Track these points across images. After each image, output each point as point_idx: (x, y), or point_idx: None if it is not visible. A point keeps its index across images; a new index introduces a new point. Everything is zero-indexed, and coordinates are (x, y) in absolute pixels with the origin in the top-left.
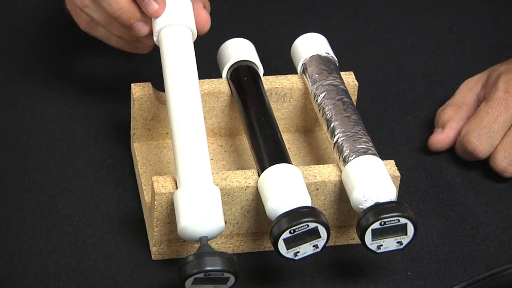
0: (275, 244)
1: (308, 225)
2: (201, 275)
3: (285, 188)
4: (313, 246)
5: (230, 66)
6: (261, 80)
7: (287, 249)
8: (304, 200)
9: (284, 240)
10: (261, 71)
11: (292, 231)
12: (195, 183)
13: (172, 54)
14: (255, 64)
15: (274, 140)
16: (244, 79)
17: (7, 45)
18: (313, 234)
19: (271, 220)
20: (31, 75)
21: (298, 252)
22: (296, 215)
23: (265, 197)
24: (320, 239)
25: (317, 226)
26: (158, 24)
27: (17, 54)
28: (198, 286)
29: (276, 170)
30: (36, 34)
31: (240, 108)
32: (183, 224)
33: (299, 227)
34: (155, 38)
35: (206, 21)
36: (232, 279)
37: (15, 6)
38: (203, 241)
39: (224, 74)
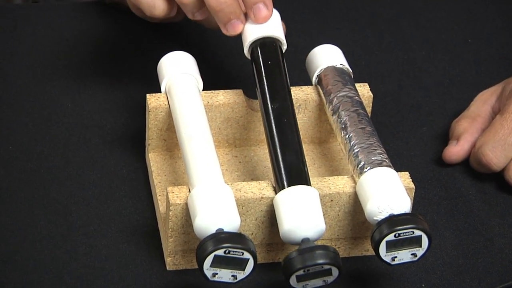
0: (287, 279)
1: (322, 267)
2: (220, 252)
3: (302, 215)
4: (323, 280)
5: (253, 42)
6: (284, 61)
7: (297, 282)
8: (319, 228)
9: (297, 276)
10: (284, 47)
11: (305, 270)
12: (207, 182)
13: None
14: (280, 41)
15: (295, 150)
16: (268, 63)
17: (23, 55)
18: (326, 272)
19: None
20: (46, 85)
21: (308, 284)
22: (311, 255)
23: (280, 219)
24: (331, 276)
25: (331, 268)
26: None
27: (32, 64)
28: (216, 269)
29: (294, 193)
30: (51, 44)
31: (259, 97)
32: (198, 218)
33: (313, 268)
34: (162, 89)
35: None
36: (250, 265)
37: (33, 19)
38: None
39: (246, 48)
